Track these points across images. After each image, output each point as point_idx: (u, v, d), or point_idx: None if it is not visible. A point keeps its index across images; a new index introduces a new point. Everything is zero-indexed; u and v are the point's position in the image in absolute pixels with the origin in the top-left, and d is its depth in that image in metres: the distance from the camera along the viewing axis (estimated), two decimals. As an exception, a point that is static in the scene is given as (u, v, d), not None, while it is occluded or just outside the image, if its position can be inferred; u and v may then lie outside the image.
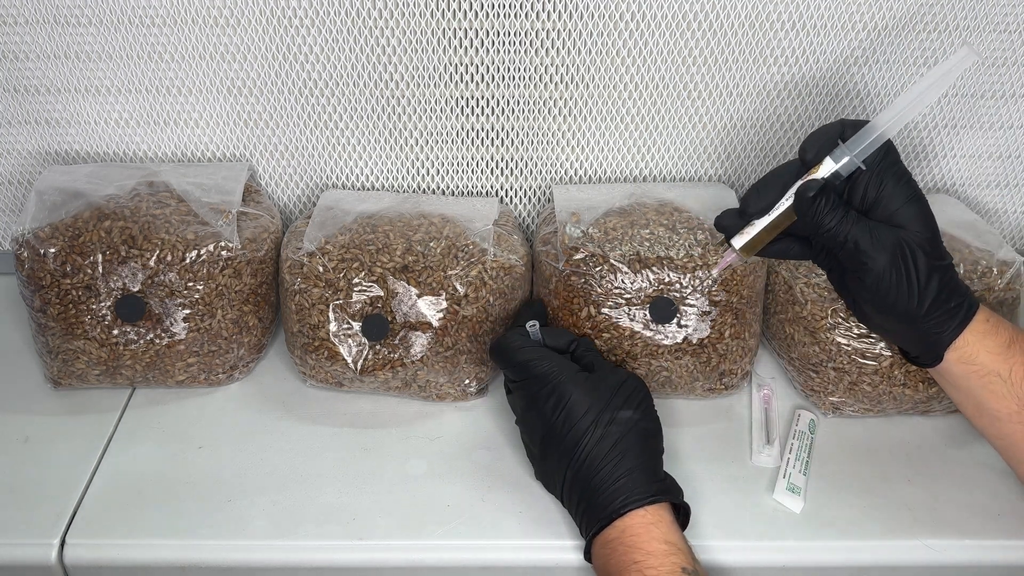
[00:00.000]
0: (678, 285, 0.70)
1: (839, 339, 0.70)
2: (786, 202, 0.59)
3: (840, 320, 0.70)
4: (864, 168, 0.57)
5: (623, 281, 0.70)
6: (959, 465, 0.70)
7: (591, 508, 0.58)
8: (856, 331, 0.70)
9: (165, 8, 0.73)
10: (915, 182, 0.59)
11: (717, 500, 0.66)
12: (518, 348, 0.65)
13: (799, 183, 0.58)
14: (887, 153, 0.58)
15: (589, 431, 0.59)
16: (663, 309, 0.70)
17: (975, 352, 0.59)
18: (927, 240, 0.58)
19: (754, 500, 0.66)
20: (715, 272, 0.67)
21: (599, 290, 0.71)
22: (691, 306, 0.70)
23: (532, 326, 0.67)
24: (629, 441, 0.59)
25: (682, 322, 0.71)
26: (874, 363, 0.70)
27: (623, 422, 0.60)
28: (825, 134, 0.58)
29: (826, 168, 0.57)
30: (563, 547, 0.63)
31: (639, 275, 0.70)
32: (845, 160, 0.57)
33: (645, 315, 0.70)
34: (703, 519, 0.64)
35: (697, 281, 0.70)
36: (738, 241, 0.60)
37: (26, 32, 0.75)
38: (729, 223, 0.61)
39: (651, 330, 0.71)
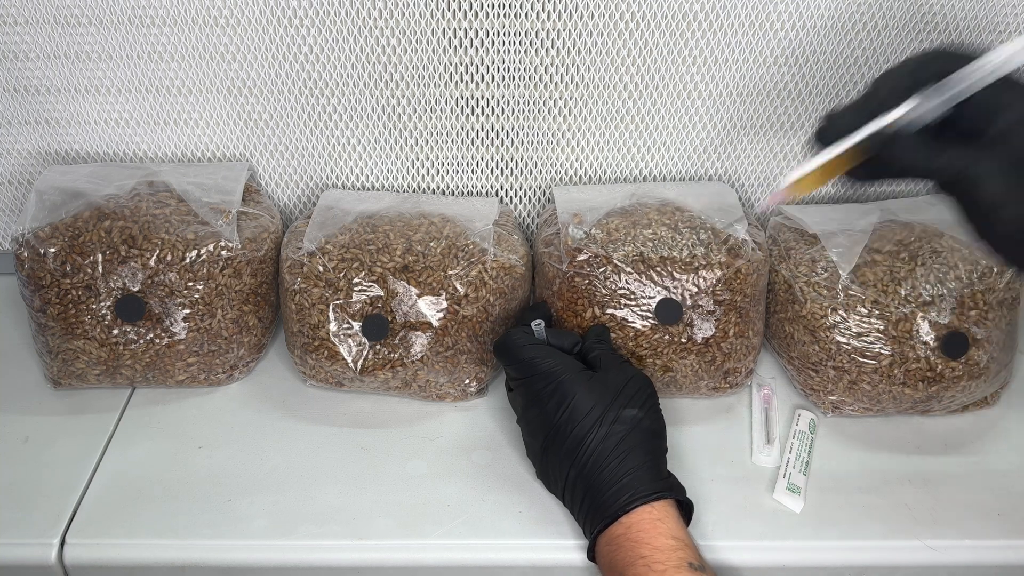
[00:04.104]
0: (682, 285, 0.70)
1: (839, 338, 0.70)
2: (849, 141, 0.50)
3: (840, 319, 0.70)
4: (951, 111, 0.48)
5: (627, 282, 0.70)
6: (959, 465, 0.70)
7: (595, 506, 0.58)
8: (855, 330, 0.70)
9: (165, 8, 0.73)
10: None
11: (717, 500, 0.66)
12: (522, 345, 0.65)
13: (872, 126, 0.50)
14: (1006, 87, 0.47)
15: (593, 429, 0.59)
16: (669, 310, 0.70)
17: None
18: None
19: (754, 500, 0.66)
20: (760, 207, 0.62)
21: (603, 291, 0.71)
22: (696, 306, 0.71)
23: (537, 324, 0.67)
24: (634, 439, 0.59)
25: (687, 322, 0.71)
26: (874, 362, 0.70)
27: (628, 420, 0.60)
28: (907, 73, 0.49)
29: (905, 109, 0.49)
30: (563, 547, 0.63)
31: (643, 276, 0.70)
32: (929, 106, 0.48)
33: (650, 316, 0.70)
34: (703, 519, 0.64)
35: (702, 280, 0.70)
36: (789, 177, 0.53)
37: (26, 32, 0.75)
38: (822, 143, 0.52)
39: (656, 330, 0.71)
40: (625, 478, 0.57)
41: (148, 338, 0.71)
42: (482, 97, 0.79)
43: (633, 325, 0.71)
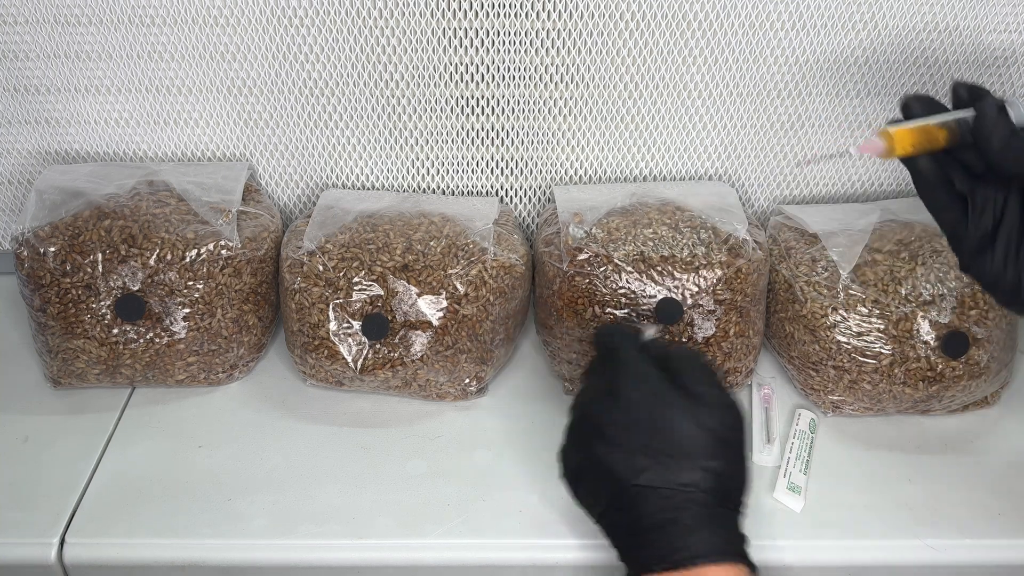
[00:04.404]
0: (683, 284, 0.70)
1: (839, 337, 0.70)
2: (955, 114, 0.51)
3: (840, 318, 0.70)
4: None
5: (628, 281, 0.70)
6: (959, 465, 0.70)
7: (650, 545, 0.51)
8: (855, 329, 0.70)
9: (165, 8, 0.73)
10: None
11: (717, 499, 0.66)
12: (627, 336, 0.59)
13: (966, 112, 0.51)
14: None
15: (677, 472, 0.52)
16: (669, 310, 0.70)
17: None
18: None
19: (754, 499, 0.66)
20: (853, 150, 0.56)
21: (604, 290, 0.71)
22: (697, 305, 0.71)
23: (652, 332, 0.60)
24: (715, 495, 0.52)
25: (687, 321, 0.71)
26: (874, 362, 0.70)
27: (714, 470, 0.52)
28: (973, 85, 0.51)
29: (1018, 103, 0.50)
30: (563, 547, 0.63)
31: (644, 275, 0.70)
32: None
33: (651, 315, 0.70)
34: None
35: (702, 280, 0.70)
36: (894, 127, 0.52)
37: (26, 32, 0.75)
38: (914, 106, 0.53)
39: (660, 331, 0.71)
40: (700, 531, 0.51)
41: (148, 337, 0.71)
42: (482, 97, 0.79)
43: (634, 324, 0.71)
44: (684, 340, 0.71)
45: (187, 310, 0.71)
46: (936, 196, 0.53)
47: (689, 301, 0.71)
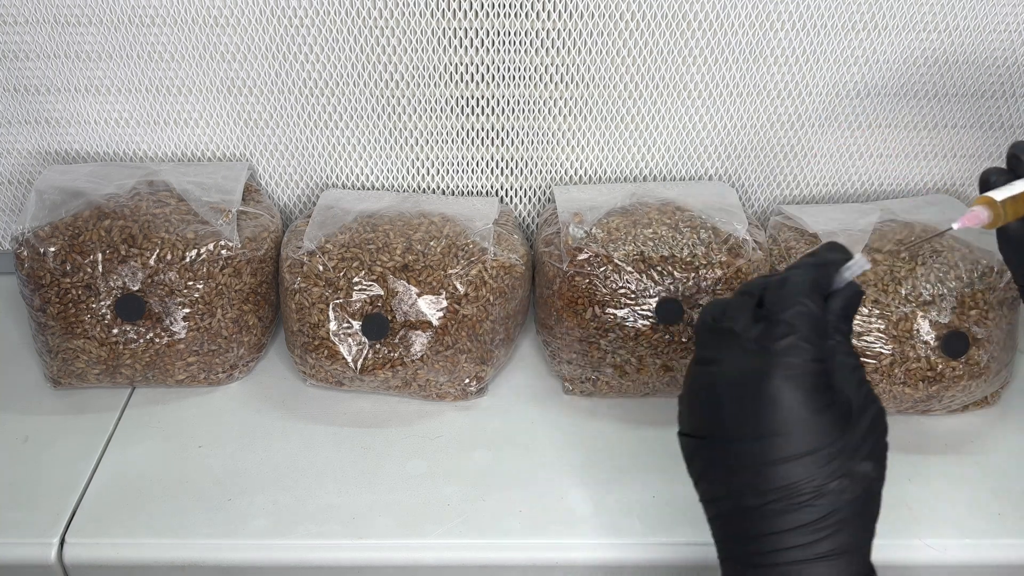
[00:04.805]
0: (683, 284, 0.70)
1: (839, 338, 0.70)
2: None
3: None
4: None
5: (628, 281, 0.70)
6: (959, 465, 0.70)
7: (758, 563, 0.44)
8: (856, 329, 0.70)
9: (165, 8, 0.73)
10: None
11: (717, 499, 0.66)
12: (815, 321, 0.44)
13: None
14: None
15: (810, 478, 0.42)
16: (669, 309, 0.70)
17: None
18: None
19: (754, 499, 0.66)
20: (956, 225, 0.51)
21: (604, 290, 0.71)
22: (697, 305, 0.71)
23: (857, 269, 0.47)
24: (856, 508, 0.43)
25: (687, 321, 0.71)
26: (874, 362, 0.70)
27: (859, 478, 0.43)
28: None
29: None
30: (563, 547, 0.63)
31: (644, 275, 0.70)
32: None
33: (651, 315, 0.70)
34: (703, 518, 0.64)
35: (702, 280, 0.70)
36: (998, 194, 0.49)
37: (26, 32, 0.75)
38: (995, 179, 0.50)
39: (657, 330, 0.71)
40: (828, 559, 0.42)
41: (148, 337, 0.71)
42: (482, 97, 0.79)
43: (634, 324, 0.71)
44: (684, 340, 0.71)
45: (187, 310, 0.71)
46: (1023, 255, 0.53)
47: (689, 301, 0.71)
